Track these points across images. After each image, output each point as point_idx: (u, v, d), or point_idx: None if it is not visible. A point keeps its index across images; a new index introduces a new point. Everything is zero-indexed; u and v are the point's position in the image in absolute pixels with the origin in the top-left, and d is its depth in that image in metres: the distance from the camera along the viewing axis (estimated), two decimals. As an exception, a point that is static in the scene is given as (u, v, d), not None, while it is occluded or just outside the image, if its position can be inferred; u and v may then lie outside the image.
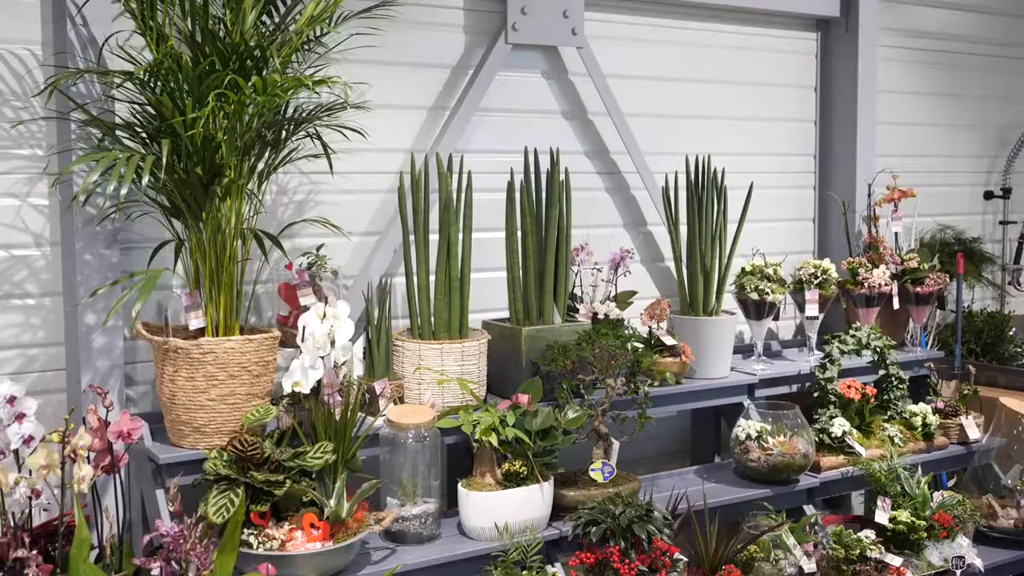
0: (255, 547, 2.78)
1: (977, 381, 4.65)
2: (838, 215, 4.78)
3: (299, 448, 2.95)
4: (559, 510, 3.33)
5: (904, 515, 3.69)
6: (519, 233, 3.61)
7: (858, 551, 3.50)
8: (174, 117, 2.79)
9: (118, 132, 3.01)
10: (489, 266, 3.80)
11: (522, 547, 3.09)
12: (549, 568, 3.17)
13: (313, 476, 2.95)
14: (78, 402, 3.12)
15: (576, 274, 3.92)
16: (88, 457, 2.84)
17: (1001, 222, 5.52)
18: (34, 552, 2.44)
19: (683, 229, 4.09)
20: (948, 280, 4.61)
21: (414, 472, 3.16)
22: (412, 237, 3.46)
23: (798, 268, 4.32)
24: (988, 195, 5.52)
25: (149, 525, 2.94)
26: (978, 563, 3.74)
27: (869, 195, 4.72)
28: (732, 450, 3.85)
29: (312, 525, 2.86)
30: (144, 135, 3.00)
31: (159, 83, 2.84)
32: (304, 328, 3.00)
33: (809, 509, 3.79)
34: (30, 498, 2.74)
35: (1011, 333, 5.17)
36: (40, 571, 2.55)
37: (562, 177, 3.63)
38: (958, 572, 3.66)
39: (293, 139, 3.21)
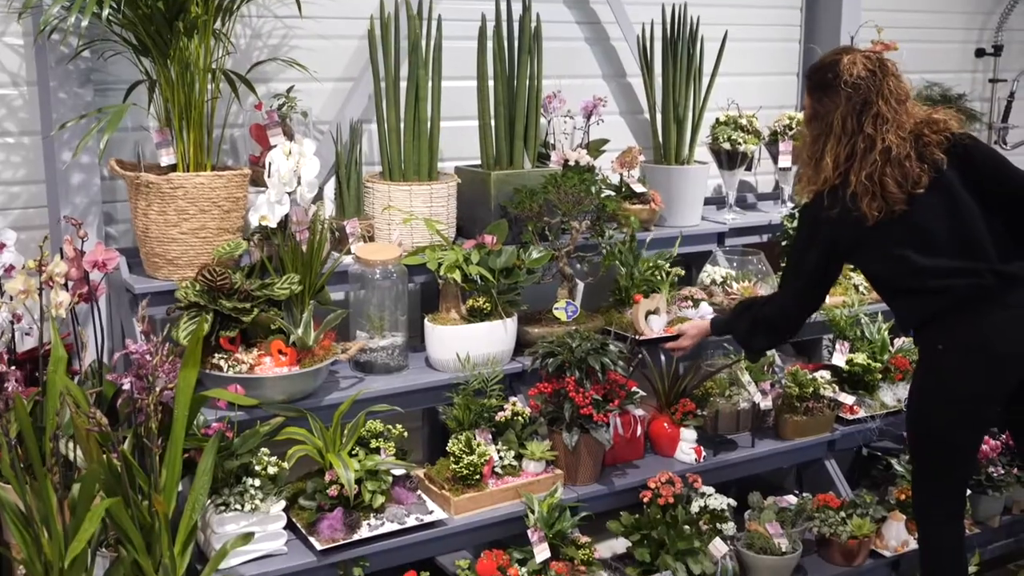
0: (225, 370, 2.94)
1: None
2: (822, 70, 4.77)
3: (267, 280, 3.08)
4: (524, 346, 3.47)
5: (861, 357, 3.82)
6: (491, 81, 3.66)
7: (812, 389, 3.65)
8: (135, -49, 2.83)
9: (86, -31, 3.05)
10: (465, 115, 3.85)
11: (482, 377, 3.24)
12: (511, 398, 3.33)
13: (282, 307, 3.09)
14: (59, 237, 3.24)
15: (549, 122, 3.97)
16: (67, 286, 2.98)
17: (991, 80, 5.49)
18: (12, 368, 2.59)
19: (659, 81, 4.12)
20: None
21: (381, 307, 3.30)
22: (384, 84, 3.51)
23: (776, 120, 4.36)
24: (979, 52, 5.47)
25: (127, 351, 3.11)
26: (931, 404, 3.87)
27: (852, 48, 4.70)
28: (697, 294, 3.96)
29: (280, 351, 3.01)
30: (110, -29, 3.04)
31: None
32: (270, 164, 3.09)
33: (770, 352, 3.92)
34: (11, 322, 2.90)
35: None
36: (21, 387, 2.72)
37: (534, 23, 3.65)
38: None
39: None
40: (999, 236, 2.83)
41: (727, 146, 4.09)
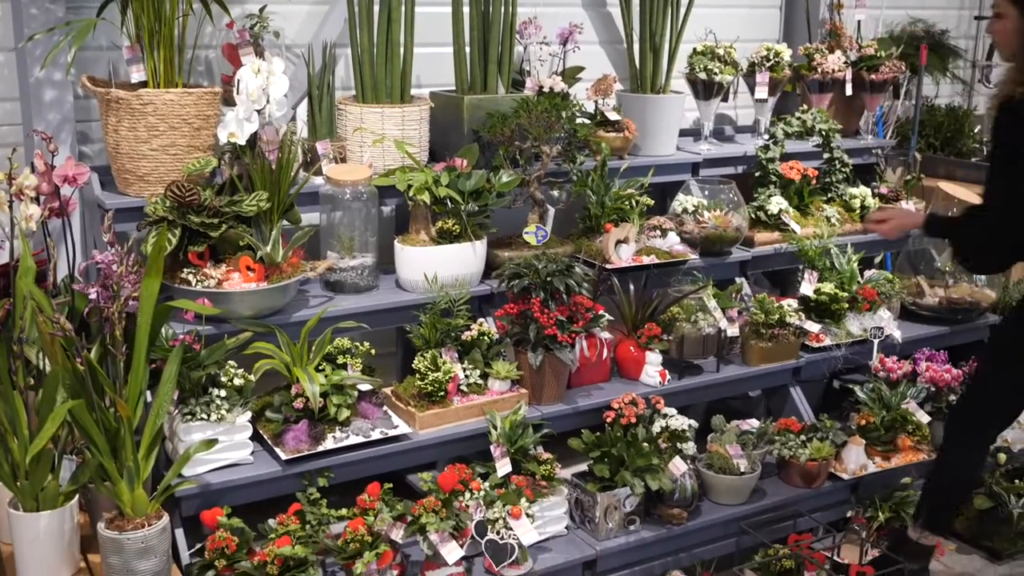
0: (194, 284, 2.99)
1: (935, 174, 4.74)
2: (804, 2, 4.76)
3: (236, 197, 3.11)
4: (494, 270, 3.51)
5: (828, 287, 3.86)
6: (466, 7, 3.66)
7: (778, 316, 3.70)
8: None
9: None
10: (442, 41, 3.85)
11: (449, 297, 3.29)
12: (480, 320, 3.38)
13: (251, 224, 3.12)
14: (32, 152, 3.27)
15: (524, 49, 3.98)
16: (39, 200, 3.01)
17: (976, 17, 5.47)
18: (-17, 277, 2.65)
19: (637, 10, 4.12)
20: (905, 70, 4.63)
21: (351, 227, 3.34)
22: (357, 6, 3.51)
23: (754, 52, 4.36)
24: (966, -11, 5.46)
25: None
26: (897, 334, 3.94)
27: (834, -19, 4.70)
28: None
29: (248, 268, 3.06)
30: None
31: None
32: (239, 81, 3.11)
33: (739, 281, 3.97)
34: (-18, 234, 2.94)
35: (976, 131, 5.21)
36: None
37: (509, -54, 3.64)
38: (875, 341, 3.86)
39: None
40: None
41: (703, 76, 4.10)
